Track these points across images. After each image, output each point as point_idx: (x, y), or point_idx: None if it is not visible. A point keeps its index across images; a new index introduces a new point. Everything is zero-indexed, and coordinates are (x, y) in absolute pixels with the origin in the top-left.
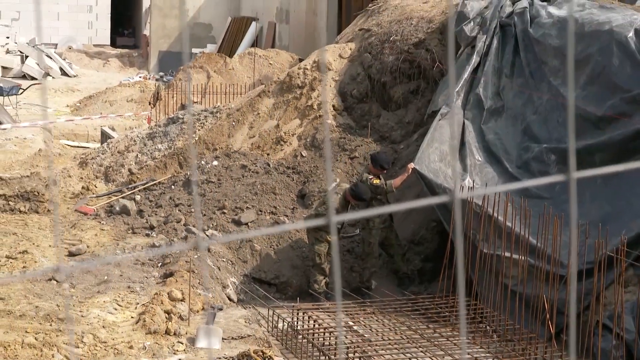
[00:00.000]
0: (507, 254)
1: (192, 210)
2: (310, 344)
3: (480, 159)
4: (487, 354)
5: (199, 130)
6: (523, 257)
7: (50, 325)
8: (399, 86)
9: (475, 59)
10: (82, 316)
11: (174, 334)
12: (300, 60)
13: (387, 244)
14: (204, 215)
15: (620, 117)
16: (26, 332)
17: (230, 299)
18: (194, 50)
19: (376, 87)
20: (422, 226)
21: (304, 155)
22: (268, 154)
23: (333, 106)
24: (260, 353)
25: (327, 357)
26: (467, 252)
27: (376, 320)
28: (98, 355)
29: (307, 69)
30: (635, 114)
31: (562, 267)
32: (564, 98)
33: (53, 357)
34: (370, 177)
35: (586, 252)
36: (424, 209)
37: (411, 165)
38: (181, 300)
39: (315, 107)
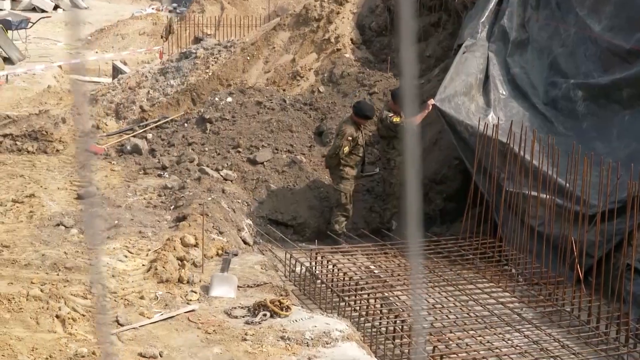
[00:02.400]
0: (533, 193)
1: (206, 149)
2: (329, 290)
3: (504, 93)
4: (513, 298)
5: (212, 65)
6: (549, 197)
7: (57, 275)
8: (419, 18)
9: None
10: (90, 265)
11: (187, 282)
12: None
13: None
14: (218, 154)
15: None
16: (32, 282)
17: (245, 243)
18: None
19: (396, 19)
20: (444, 164)
21: (321, 90)
22: (284, 90)
23: (351, 40)
24: (278, 303)
25: (346, 303)
26: (491, 192)
27: (397, 264)
28: (107, 307)
29: (324, 0)
30: None
31: (590, 207)
32: (591, 30)
33: (60, 309)
34: (391, 114)
35: (617, 191)
36: (446, 146)
37: (431, 102)
38: (194, 246)
39: (332, 40)
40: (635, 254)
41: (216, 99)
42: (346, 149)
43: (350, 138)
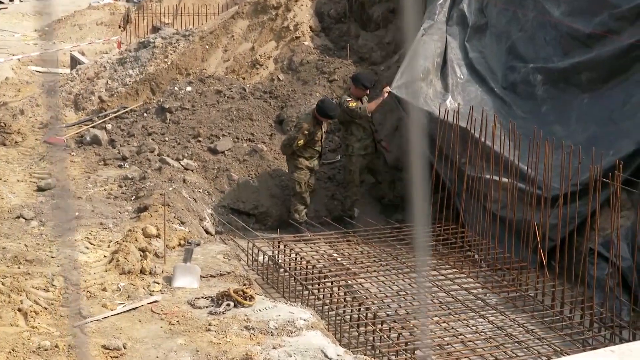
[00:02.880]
0: (494, 178)
1: (166, 139)
2: (293, 278)
3: (463, 77)
4: (476, 284)
5: (171, 54)
6: (510, 181)
7: (18, 268)
8: (378, 5)
9: None
10: (51, 257)
11: (150, 273)
12: None
13: (375, 170)
14: (179, 143)
15: (608, 34)
16: None
17: (207, 232)
18: None
19: (354, 6)
20: (405, 151)
21: (280, 79)
22: (244, 78)
23: (310, 27)
24: (241, 292)
25: (310, 292)
26: (452, 178)
27: (360, 252)
28: (69, 299)
29: None
30: (624, 31)
31: (551, 191)
32: (550, 15)
33: (21, 303)
34: (348, 99)
35: (579, 174)
36: (407, 133)
37: (387, 88)
38: (156, 237)
39: (291, 28)
40: (599, 238)
41: (175, 88)
42: (300, 142)
43: (306, 132)
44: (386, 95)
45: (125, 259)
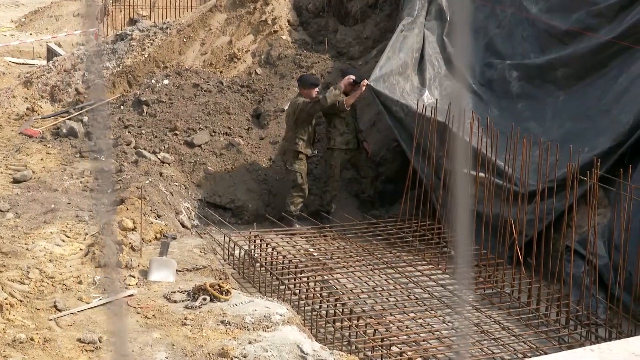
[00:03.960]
0: (471, 173)
1: (143, 131)
2: (269, 273)
3: (440, 72)
4: (452, 281)
5: (148, 47)
6: (487, 176)
7: None
8: (356, 0)
9: None
10: (27, 249)
11: (126, 266)
12: None
13: (358, 166)
14: (155, 137)
15: (586, 32)
16: None
17: (184, 226)
18: None
19: (333, 0)
20: (382, 146)
21: (258, 72)
22: (221, 72)
23: (288, 21)
24: (217, 287)
25: (286, 287)
26: (429, 173)
27: (337, 247)
28: (45, 292)
29: None
30: (602, 29)
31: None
32: (528, 12)
33: None
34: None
35: (556, 170)
36: (385, 127)
37: (365, 82)
38: (132, 230)
39: (269, 22)
40: (575, 235)
41: (152, 81)
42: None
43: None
44: (364, 88)
45: (102, 251)
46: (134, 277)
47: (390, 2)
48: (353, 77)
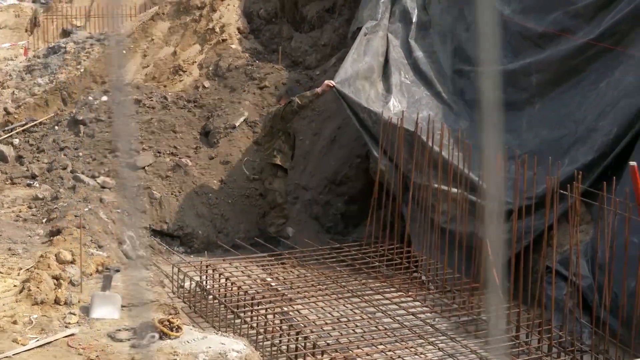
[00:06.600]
0: (443, 187)
1: (80, 154)
2: (223, 305)
3: (407, 77)
4: (424, 308)
5: (84, 60)
6: (459, 190)
7: None
8: (312, 4)
9: None
10: None
11: (65, 303)
12: None
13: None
14: (94, 159)
15: (563, 33)
16: None
17: (128, 257)
18: None
19: (287, 5)
20: (345, 163)
21: (206, 86)
22: (165, 86)
23: (238, 29)
24: (167, 323)
25: (242, 320)
26: (397, 185)
27: (296, 275)
28: None
29: None
30: (580, 30)
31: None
32: (500, 13)
33: None
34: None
35: (534, 187)
36: (347, 143)
37: (330, 83)
38: (71, 263)
39: (217, 30)
40: (556, 255)
41: (90, 98)
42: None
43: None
44: (327, 88)
45: (38, 287)
46: (74, 314)
47: (349, 5)
48: (332, 82)
